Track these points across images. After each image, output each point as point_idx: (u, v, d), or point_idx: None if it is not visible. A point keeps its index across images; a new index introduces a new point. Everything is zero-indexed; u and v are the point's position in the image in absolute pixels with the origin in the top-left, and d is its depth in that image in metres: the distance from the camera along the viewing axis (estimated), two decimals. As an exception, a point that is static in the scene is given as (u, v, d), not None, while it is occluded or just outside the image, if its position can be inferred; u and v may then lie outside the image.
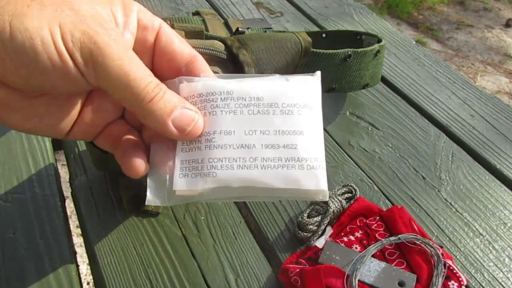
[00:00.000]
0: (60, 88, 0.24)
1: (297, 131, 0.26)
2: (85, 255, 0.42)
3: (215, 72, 0.29)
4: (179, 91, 0.26)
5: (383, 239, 0.39)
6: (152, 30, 0.26)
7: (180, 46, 0.27)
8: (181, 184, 0.26)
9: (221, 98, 0.26)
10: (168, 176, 0.26)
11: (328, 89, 0.49)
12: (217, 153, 0.25)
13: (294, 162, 0.25)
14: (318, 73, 0.27)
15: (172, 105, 0.25)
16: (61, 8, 0.22)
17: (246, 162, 0.25)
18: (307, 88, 0.27)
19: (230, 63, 0.41)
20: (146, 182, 0.27)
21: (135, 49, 0.25)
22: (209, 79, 0.27)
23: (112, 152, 0.28)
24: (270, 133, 0.26)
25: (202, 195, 0.26)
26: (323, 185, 0.26)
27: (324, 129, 0.55)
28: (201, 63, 0.27)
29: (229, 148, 0.25)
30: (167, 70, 0.27)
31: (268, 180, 0.25)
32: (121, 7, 0.25)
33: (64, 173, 0.50)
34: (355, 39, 0.57)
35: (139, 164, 0.26)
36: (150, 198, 0.26)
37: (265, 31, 0.50)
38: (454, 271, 0.37)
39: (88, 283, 0.39)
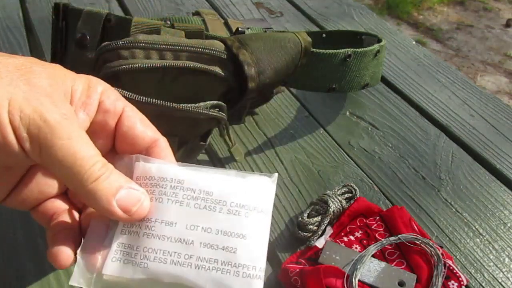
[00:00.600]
0: None
1: (240, 234, 0.24)
2: (85, 255, 0.42)
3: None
4: (133, 168, 0.26)
5: (383, 239, 0.39)
6: (113, 114, 0.26)
7: (143, 131, 0.26)
8: (111, 269, 0.24)
9: (170, 186, 0.25)
10: (100, 257, 0.25)
11: (328, 89, 0.49)
12: (153, 243, 0.24)
13: (230, 267, 0.24)
14: (275, 175, 0.27)
15: (117, 184, 0.24)
16: (16, 82, 0.22)
17: (181, 259, 0.24)
18: (261, 190, 0.26)
19: (230, 63, 0.41)
20: None
21: (92, 130, 0.25)
22: (164, 163, 0.26)
23: (46, 228, 0.27)
24: (212, 232, 0.24)
25: (129, 285, 0.25)
26: None
27: (324, 129, 0.55)
28: (162, 147, 0.27)
29: (166, 240, 0.24)
30: (128, 153, 0.27)
31: (200, 281, 0.24)
32: (83, 86, 0.25)
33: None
34: (355, 39, 0.57)
35: (65, 257, 0.25)
36: (76, 277, 0.25)
37: (265, 31, 0.50)
38: (454, 271, 0.37)
39: (88, 283, 0.39)
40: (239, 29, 0.48)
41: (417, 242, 0.39)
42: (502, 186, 0.48)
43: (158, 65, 0.38)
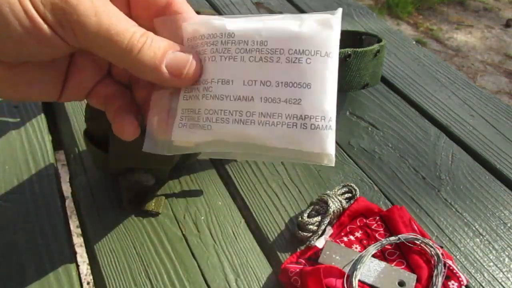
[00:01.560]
0: (39, 55, 0.23)
1: (303, 83, 0.22)
2: (85, 255, 0.42)
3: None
4: (181, 30, 0.24)
5: (383, 239, 0.39)
6: None
7: None
8: (178, 134, 0.24)
9: (221, 42, 0.23)
10: (167, 125, 0.25)
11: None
12: (213, 104, 0.23)
13: (296, 120, 0.22)
14: (339, 11, 0.23)
15: (162, 50, 0.23)
16: None
17: (243, 117, 0.23)
18: (322, 31, 0.22)
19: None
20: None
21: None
22: (212, 18, 0.24)
23: (104, 110, 0.27)
24: (272, 85, 0.22)
25: (197, 147, 0.25)
26: (330, 149, 0.22)
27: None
28: (179, 3, 0.25)
29: (225, 99, 0.23)
30: (145, 20, 0.26)
31: (266, 138, 0.22)
32: None
33: (64, 173, 0.50)
34: (355, 39, 0.57)
35: (130, 128, 0.25)
36: (148, 146, 0.25)
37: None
38: (454, 271, 0.37)
39: (88, 283, 0.39)
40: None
41: (417, 242, 0.39)
42: (502, 186, 0.48)
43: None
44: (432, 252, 0.38)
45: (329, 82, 0.22)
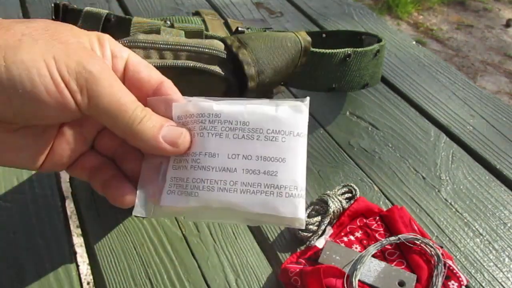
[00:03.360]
0: (51, 118, 0.25)
1: (279, 158, 0.26)
2: (85, 255, 0.42)
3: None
4: (171, 109, 0.27)
5: (383, 239, 0.39)
6: (121, 60, 0.27)
7: (148, 74, 0.28)
8: (168, 200, 0.27)
9: (209, 120, 0.27)
10: (156, 191, 0.28)
11: (328, 89, 0.49)
12: (201, 174, 0.26)
13: (273, 189, 0.26)
14: (307, 99, 0.28)
15: (160, 123, 0.26)
16: (52, 42, 0.24)
17: (227, 185, 0.26)
18: (295, 115, 0.27)
19: (230, 63, 0.41)
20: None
21: None
22: (200, 100, 0.28)
23: (88, 181, 0.29)
24: (252, 158, 0.26)
25: (184, 212, 0.28)
26: (301, 213, 0.26)
27: (324, 129, 0.55)
28: (168, 87, 0.28)
29: (211, 170, 0.26)
30: (138, 98, 0.28)
31: (246, 204, 0.26)
32: (96, 39, 0.27)
33: (64, 173, 0.50)
34: (355, 39, 0.57)
35: (130, 196, 0.28)
36: (138, 209, 0.28)
37: (265, 31, 0.50)
38: (454, 271, 0.37)
39: (88, 283, 0.39)
40: (239, 28, 0.48)
41: (417, 242, 0.39)
42: (502, 186, 0.48)
43: (158, 64, 0.38)
44: (432, 252, 0.38)
45: (300, 158, 0.26)
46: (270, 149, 0.26)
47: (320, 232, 0.41)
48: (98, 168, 0.29)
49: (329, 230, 0.41)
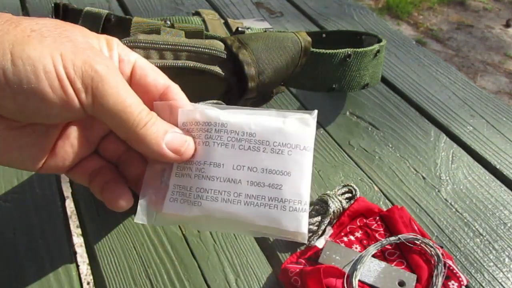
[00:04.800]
0: (54, 117, 0.24)
1: (285, 171, 0.26)
2: (85, 255, 0.42)
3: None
4: (176, 114, 0.27)
5: (383, 239, 0.39)
6: (128, 64, 0.27)
7: (154, 78, 0.28)
8: (170, 207, 0.27)
9: (215, 130, 0.27)
10: (159, 198, 0.27)
11: (328, 89, 0.49)
12: (204, 184, 0.26)
13: (277, 202, 0.25)
14: (315, 112, 0.27)
15: (164, 129, 0.26)
16: (60, 40, 0.24)
17: (231, 197, 0.26)
18: (302, 128, 0.27)
19: (230, 63, 0.41)
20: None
21: None
22: (207, 108, 0.27)
23: (87, 186, 0.29)
24: (257, 171, 0.26)
25: (186, 221, 0.27)
26: (303, 228, 0.26)
27: (324, 129, 0.55)
28: (175, 92, 0.28)
29: (216, 180, 0.26)
30: (144, 102, 0.28)
31: (250, 216, 0.26)
32: (105, 41, 0.27)
33: (64, 173, 0.50)
34: (355, 39, 0.57)
35: (126, 200, 0.27)
36: (140, 216, 0.27)
37: (265, 31, 0.50)
38: (454, 271, 0.37)
39: (88, 283, 0.39)
40: (239, 29, 0.48)
41: (417, 242, 0.39)
42: (502, 186, 0.48)
43: (158, 64, 0.38)
44: (432, 252, 0.38)
45: (305, 172, 0.26)
46: (276, 162, 0.26)
47: (320, 232, 0.41)
48: (98, 171, 0.28)
49: (329, 230, 0.41)
